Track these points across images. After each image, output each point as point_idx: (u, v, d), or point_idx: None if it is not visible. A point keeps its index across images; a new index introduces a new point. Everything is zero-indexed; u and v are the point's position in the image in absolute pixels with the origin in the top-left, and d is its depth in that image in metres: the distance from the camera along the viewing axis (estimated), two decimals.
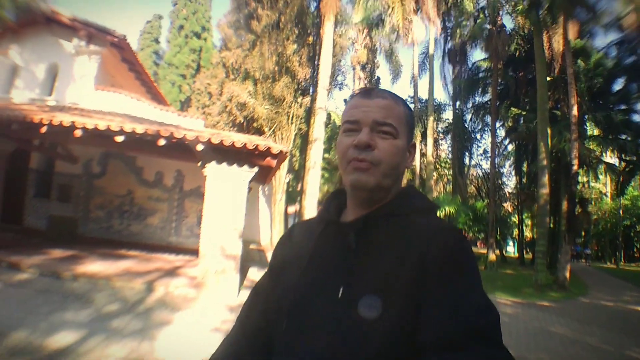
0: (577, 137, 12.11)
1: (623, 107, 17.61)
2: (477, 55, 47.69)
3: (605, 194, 34.89)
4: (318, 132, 11.88)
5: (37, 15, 11.35)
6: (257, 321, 0.90)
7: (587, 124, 18.24)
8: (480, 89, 21.85)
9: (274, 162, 6.71)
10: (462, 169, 19.91)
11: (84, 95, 10.95)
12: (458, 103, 22.47)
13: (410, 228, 0.77)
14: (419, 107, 21.01)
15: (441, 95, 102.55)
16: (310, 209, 11.15)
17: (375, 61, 25.74)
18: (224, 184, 6.68)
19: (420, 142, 18.97)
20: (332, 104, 16.23)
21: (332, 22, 12.64)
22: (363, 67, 24.15)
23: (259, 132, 15.50)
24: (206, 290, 6.41)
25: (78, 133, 6.39)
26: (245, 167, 6.68)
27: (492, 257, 16.89)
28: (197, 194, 10.92)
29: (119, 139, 6.36)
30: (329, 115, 17.77)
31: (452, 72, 21.80)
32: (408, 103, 0.85)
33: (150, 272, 7.21)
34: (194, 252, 9.66)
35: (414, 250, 0.73)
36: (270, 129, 16.23)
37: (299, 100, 16.57)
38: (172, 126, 7.20)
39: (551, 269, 13.44)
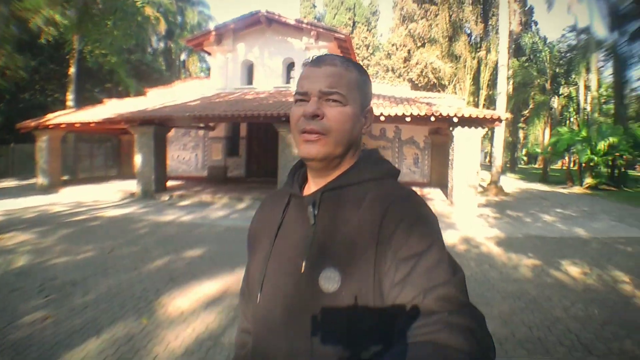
0: None
1: None
2: None
3: None
4: (501, 86, 15.19)
5: (259, 18, 15.51)
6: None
7: None
8: (629, 20, 21.48)
9: (500, 124, 10.64)
10: (623, 99, 20.88)
11: None
12: (616, 33, 22.58)
13: (367, 197, 0.78)
14: (581, 39, 21.87)
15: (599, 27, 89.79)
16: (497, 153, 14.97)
17: None
18: (465, 140, 10.80)
19: (587, 75, 20.38)
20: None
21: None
22: None
23: (442, 87, 19.27)
24: (456, 206, 10.88)
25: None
26: (479, 128, 10.71)
27: None
28: (411, 142, 15.40)
29: (407, 119, 10.72)
30: None
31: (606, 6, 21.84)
32: (363, 68, 0.86)
33: None
34: (415, 184, 14.36)
35: (370, 220, 0.74)
36: (449, 82, 19.81)
37: (474, 54, 19.62)
38: (428, 104, 11.39)
39: None
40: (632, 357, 3.18)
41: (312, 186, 0.86)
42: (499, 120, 10.41)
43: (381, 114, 10.56)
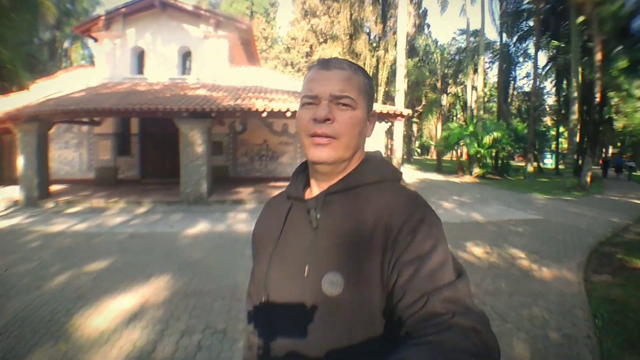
0: (600, 75, 15.21)
1: None
2: None
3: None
4: (399, 84, 15.94)
5: (153, 1, 14.06)
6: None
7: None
8: (523, 20, 24.07)
9: (402, 119, 11.10)
10: (506, 98, 23.28)
11: (220, 73, 14.62)
12: (504, 37, 25.13)
13: (371, 200, 0.77)
14: (471, 42, 23.57)
15: (490, 28, 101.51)
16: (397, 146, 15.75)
17: None
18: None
19: (473, 76, 22.37)
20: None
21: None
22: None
23: None
24: None
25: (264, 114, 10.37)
26: (383, 123, 11.08)
27: (530, 168, 21.23)
28: None
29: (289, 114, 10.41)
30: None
31: (500, 8, 24.19)
32: (364, 72, 0.84)
33: None
34: None
35: (373, 222, 0.74)
36: None
37: (373, 53, 20.42)
38: None
39: (578, 176, 16.96)
40: (542, 321, 3.38)
41: (315, 189, 0.85)
42: (402, 115, 10.87)
43: (288, 109, 10.35)
